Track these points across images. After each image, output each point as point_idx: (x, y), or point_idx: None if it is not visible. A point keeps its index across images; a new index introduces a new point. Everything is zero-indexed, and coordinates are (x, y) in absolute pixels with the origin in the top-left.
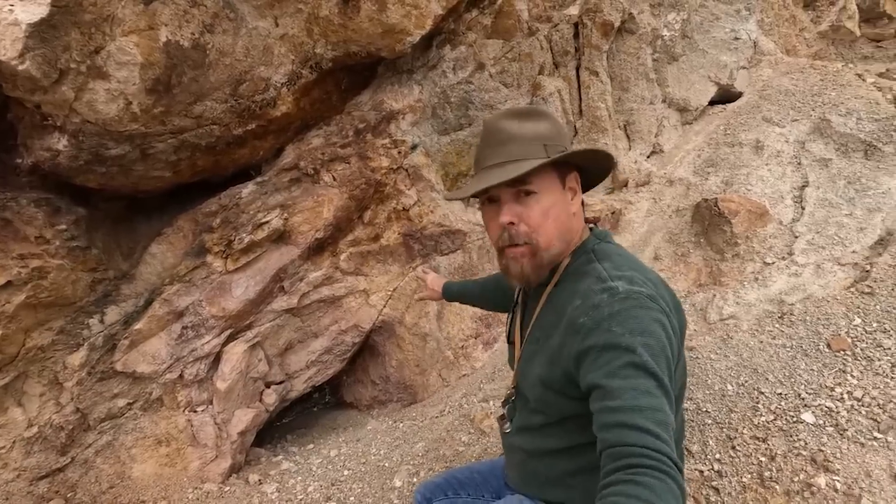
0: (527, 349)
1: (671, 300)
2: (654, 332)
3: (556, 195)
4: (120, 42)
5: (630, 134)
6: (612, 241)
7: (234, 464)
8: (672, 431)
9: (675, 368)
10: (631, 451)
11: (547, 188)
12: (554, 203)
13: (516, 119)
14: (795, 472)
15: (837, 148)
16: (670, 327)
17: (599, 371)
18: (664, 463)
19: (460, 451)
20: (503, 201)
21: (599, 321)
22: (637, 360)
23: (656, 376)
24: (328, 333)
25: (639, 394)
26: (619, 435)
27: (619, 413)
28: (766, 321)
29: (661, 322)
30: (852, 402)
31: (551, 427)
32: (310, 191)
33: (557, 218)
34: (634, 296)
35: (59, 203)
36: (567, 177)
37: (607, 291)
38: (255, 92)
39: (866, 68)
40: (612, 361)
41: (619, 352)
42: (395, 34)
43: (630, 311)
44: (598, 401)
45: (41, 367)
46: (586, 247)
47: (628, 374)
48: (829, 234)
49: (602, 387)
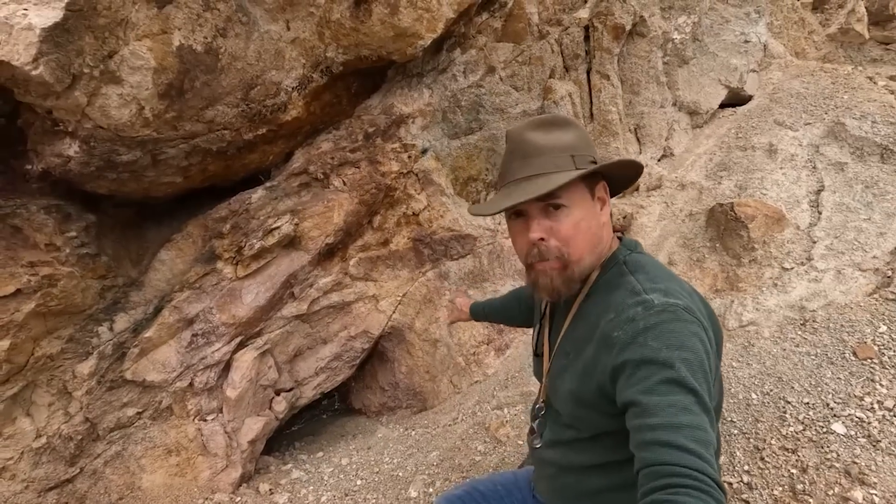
0: (556, 363)
1: (707, 311)
2: (693, 347)
3: (587, 207)
4: (133, 46)
5: (641, 137)
6: (642, 252)
7: (245, 473)
8: (713, 450)
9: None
10: (670, 471)
11: (577, 201)
12: (584, 216)
13: (542, 130)
14: (829, 485)
15: (853, 152)
16: (707, 340)
17: (636, 387)
18: (705, 483)
19: (477, 461)
20: (531, 216)
21: (635, 335)
22: (675, 376)
23: (695, 392)
24: (337, 340)
25: (677, 411)
26: (657, 454)
27: (658, 431)
28: (787, 328)
29: (699, 335)
30: (883, 413)
31: (584, 442)
32: (320, 196)
33: (588, 230)
34: (671, 308)
35: (69, 209)
36: (596, 187)
37: (642, 304)
38: (267, 96)
39: (876, 71)
40: (650, 377)
41: (657, 367)
42: (406, 38)
43: (667, 324)
44: (636, 418)
45: (50, 376)
46: (617, 258)
47: (666, 391)
48: (849, 239)
49: (639, 404)
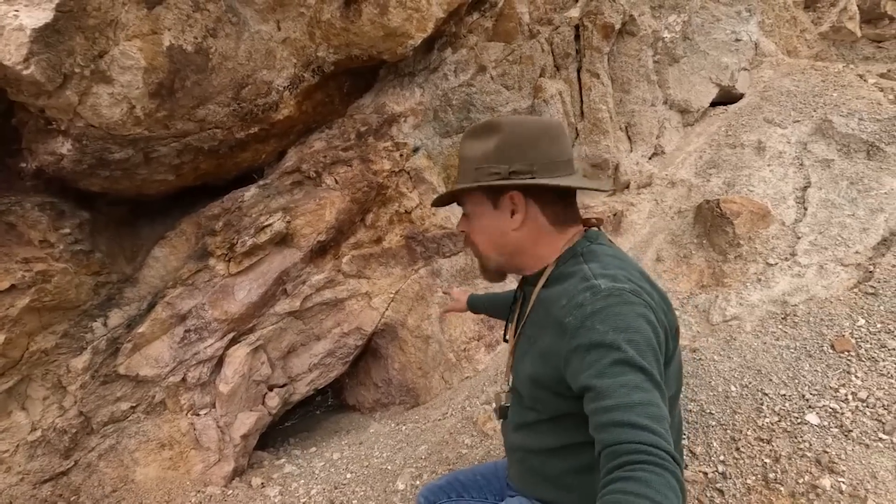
0: (519, 347)
1: (659, 297)
2: (639, 327)
3: (487, 215)
4: (124, 46)
5: (631, 136)
6: (602, 242)
7: (237, 467)
8: (667, 424)
9: (669, 363)
10: (627, 449)
11: (478, 211)
12: (483, 222)
13: (471, 138)
14: (800, 473)
15: (839, 148)
16: (656, 321)
17: (588, 371)
18: (659, 457)
19: (463, 454)
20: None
21: (583, 319)
22: (623, 357)
23: (644, 370)
24: (330, 336)
25: (629, 390)
26: (613, 434)
27: (612, 412)
28: (769, 322)
29: (645, 316)
30: (857, 404)
31: (545, 424)
32: (312, 194)
33: (490, 235)
34: (616, 292)
35: (62, 207)
36: (501, 197)
37: (590, 290)
38: (258, 96)
39: (867, 69)
40: (600, 360)
41: (605, 350)
42: (396, 37)
43: (612, 307)
44: (591, 402)
45: (45, 370)
46: (575, 250)
47: (616, 372)
48: (832, 234)
49: (593, 388)
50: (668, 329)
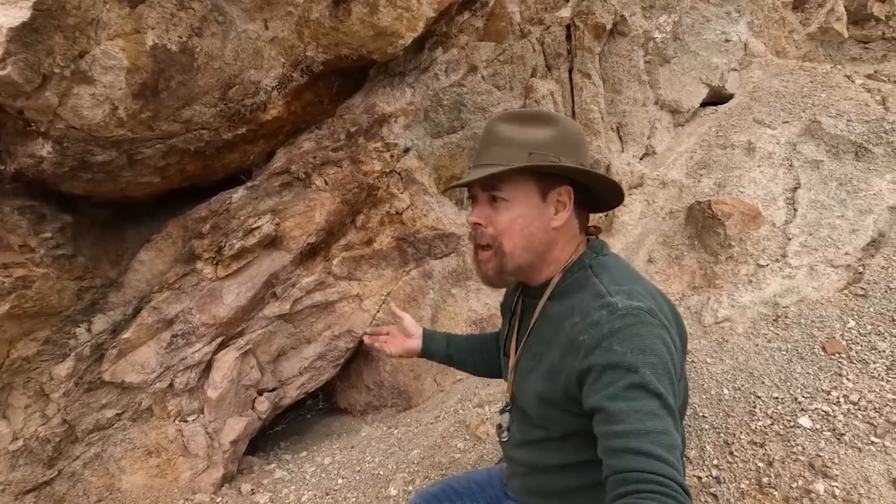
0: (522, 363)
1: (671, 312)
2: (656, 350)
3: (531, 206)
4: (105, 46)
5: (623, 136)
6: (608, 253)
7: (227, 473)
8: (679, 453)
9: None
10: (637, 477)
11: (520, 198)
12: (525, 214)
13: (514, 122)
14: (794, 477)
15: (828, 150)
16: (672, 342)
17: (601, 393)
18: (670, 487)
19: (456, 458)
20: (478, 202)
21: (600, 339)
22: (640, 381)
23: (660, 396)
24: (321, 339)
25: (643, 416)
26: (624, 461)
27: (624, 438)
28: (760, 324)
29: (663, 338)
30: (848, 406)
31: (554, 442)
32: (301, 195)
33: (526, 228)
34: (634, 311)
35: (43, 210)
36: (552, 190)
37: (606, 308)
38: (245, 96)
39: (855, 70)
40: (615, 382)
41: (621, 372)
42: (386, 37)
43: (630, 328)
44: (602, 424)
45: (26, 378)
46: (583, 261)
47: (631, 396)
48: (822, 235)
49: (605, 410)
50: (680, 346)
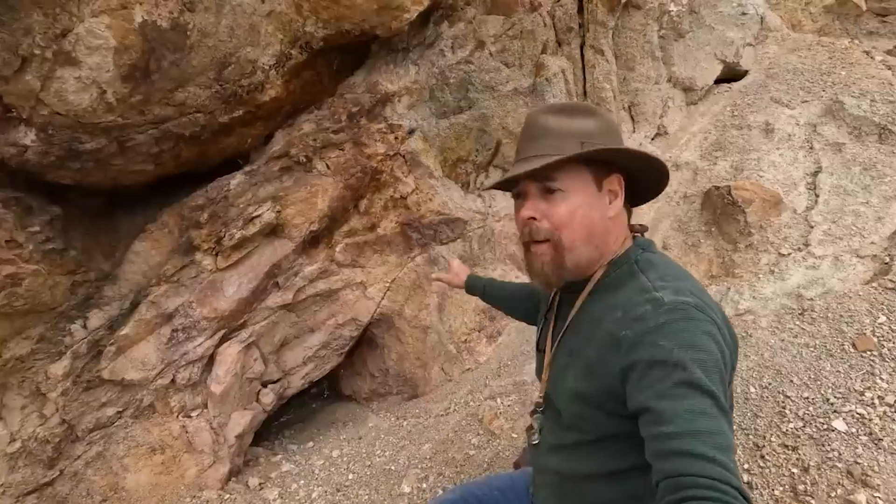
0: (559, 360)
1: (720, 312)
2: (706, 346)
3: (588, 195)
4: (89, 24)
5: (634, 115)
6: (655, 251)
7: (233, 468)
8: (733, 454)
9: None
10: (692, 482)
11: (577, 188)
12: (583, 204)
13: (559, 114)
14: (832, 486)
15: (850, 131)
16: (721, 339)
17: (648, 391)
18: (729, 493)
19: (471, 455)
20: (528, 196)
21: (643, 334)
22: (689, 378)
23: (712, 394)
24: (325, 328)
25: (694, 416)
26: (676, 464)
27: (675, 439)
28: (785, 318)
29: (712, 334)
30: (884, 409)
31: (587, 447)
32: (302, 180)
33: (585, 219)
34: (681, 306)
35: (30, 202)
36: (606, 178)
37: (651, 302)
38: (242, 75)
39: (873, 45)
40: (662, 380)
41: (669, 369)
42: (391, 10)
43: (678, 322)
44: (651, 426)
45: (21, 378)
46: (629, 257)
47: (680, 394)
48: (846, 223)
49: (653, 410)
50: (731, 349)
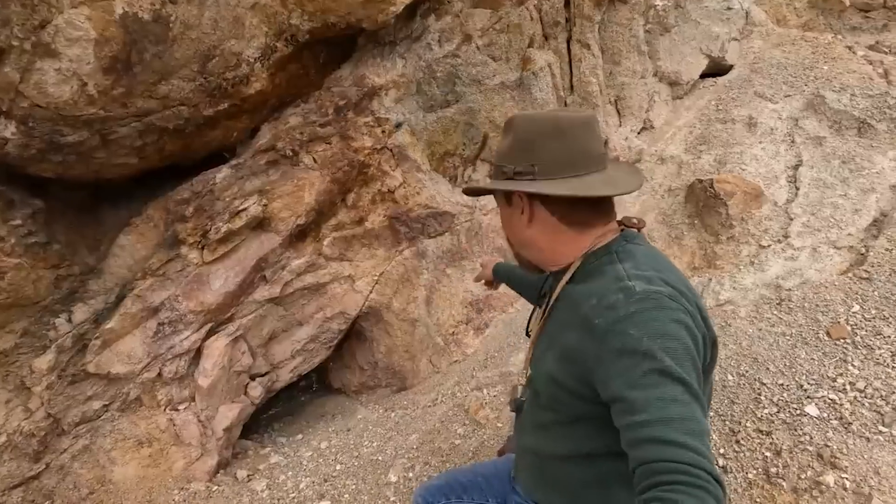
0: (540, 342)
1: (697, 303)
2: (676, 334)
3: (505, 212)
4: (69, 15)
5: (620, 109)
6: (640, 243)
7: (221, 460)
8: (708, 440)
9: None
10: (665, 468)
11: (500, 206)
12: (505, 218)
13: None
14: (802, 468)
15: (831, 125)
16: (695, 327)
17: (619, 380)
18: (700, 478)
19: (457, 445)
20: None
21: (614, 323)
22: (659, 366)
23: (683, 381)
24: (313, 321)
25: (666, 403)
26: (648, 452)
27: (647, 427)
28: (763, 307)
29: (684, 322)
30: (855, 394)
31: (562, 427)
32: (289, 174)
33: (510, 229)
34: (654, 296)
35: (11, 196)
36: (512, 196)
37: (623, 291)
38: (226, 68)
39: (856, 40)
40: (633, 369)
41: (638, 358)
42: (377, 3)
43: (647, 311)
44: (623, 415)
45: (5, 372)
46: (609, 248)
47: (651, 383)
48: (825, 215)
49: (625, 399)
50: (706, 338)
